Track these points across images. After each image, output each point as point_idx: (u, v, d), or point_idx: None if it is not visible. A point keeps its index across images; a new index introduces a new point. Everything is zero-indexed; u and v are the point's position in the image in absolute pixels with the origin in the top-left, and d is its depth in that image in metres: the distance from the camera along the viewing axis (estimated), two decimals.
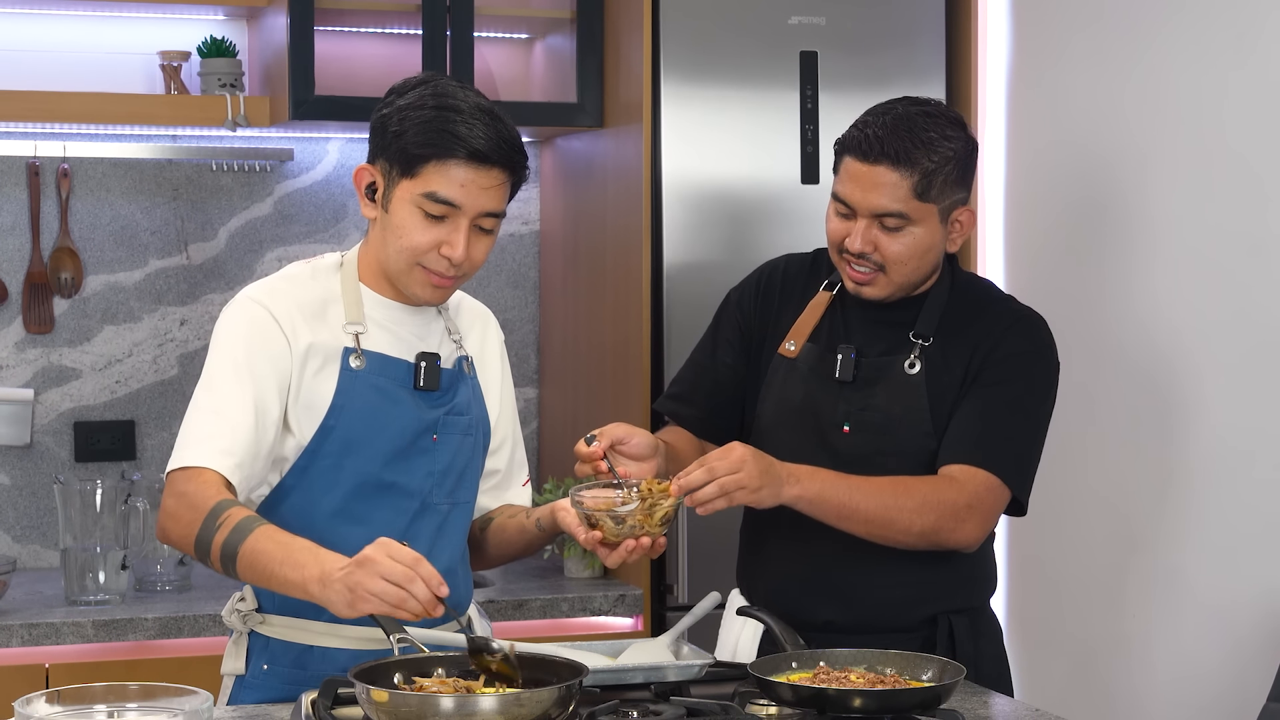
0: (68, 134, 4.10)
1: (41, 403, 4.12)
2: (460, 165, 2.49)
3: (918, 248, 2.73)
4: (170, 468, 2.50)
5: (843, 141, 2.76)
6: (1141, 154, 3.56)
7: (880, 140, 2.69)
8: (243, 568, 2.38)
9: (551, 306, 4.40)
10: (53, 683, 3.48)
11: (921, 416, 2.75)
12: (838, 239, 2.77)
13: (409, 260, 2.54)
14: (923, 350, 2.78)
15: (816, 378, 2.81)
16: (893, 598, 2.77)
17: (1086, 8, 3.73)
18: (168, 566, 3.83)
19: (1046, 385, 2.83)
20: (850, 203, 2.73)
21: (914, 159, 2.69)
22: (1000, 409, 2.75)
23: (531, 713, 2.13)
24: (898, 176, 2.69)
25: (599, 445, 2.61)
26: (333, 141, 4.29)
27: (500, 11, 4.14)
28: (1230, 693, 3.28)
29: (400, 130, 2.51)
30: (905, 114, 2.73)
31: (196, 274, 4.21)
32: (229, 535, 2.38)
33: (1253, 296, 3.26)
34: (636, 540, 2.50)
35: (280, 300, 2.57)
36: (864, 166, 2.71)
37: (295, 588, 2.33)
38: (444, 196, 2.49)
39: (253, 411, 2.49)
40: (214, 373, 2.54)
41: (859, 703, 2.27)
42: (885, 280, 2.75)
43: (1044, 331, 2.84)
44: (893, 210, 2.70)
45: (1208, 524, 3.38)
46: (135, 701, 2.04)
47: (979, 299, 2.86)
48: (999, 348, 2.78)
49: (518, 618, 3.74)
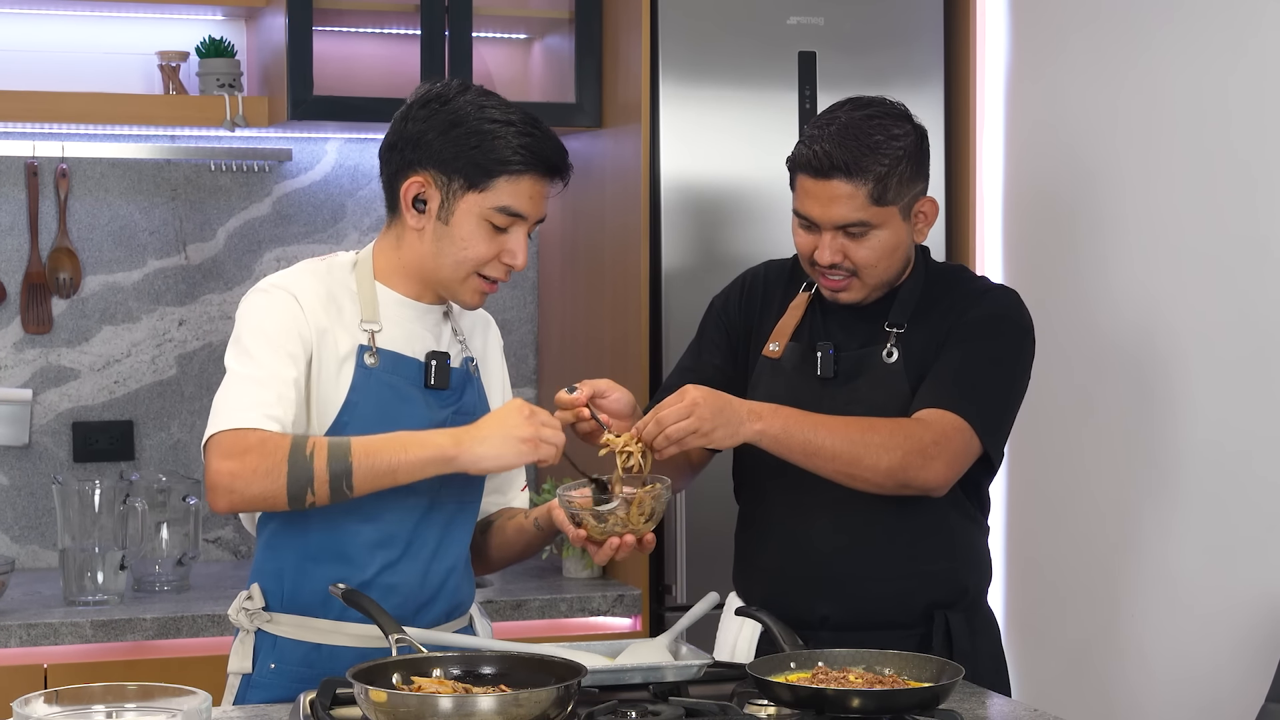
0: (66, 134, 4.10)
1: (40, 403, 4.12)
2: (532, 179, 2.55)
3: (884, 249, 2.75)
4: (212, 431, 2.47)
5: (793, 159, 2.77)
6: (1139, 153, 3.56)
7: (829, 155, 2.70)
8: (361, 473, 2.43)
9: (550, 306, 4.40)
10: (51, 683, 3.48)
11: (905, 402, 2.76)
12: (807, 252, 2.79)
13: (469, 271, 2.58)
14: (898, 338, 2.80)
15: (800, 376, 2.83)
16: (889, 591, 2.78)
17: (1084, 7, 3.73)
18: (166, 567, 3.83)
19: (1018, 340, 2.82)
20: (811, 218, 2.75)
21: (865, 167, 2.70)
22: (969, 361, 2.76)
23: (530, 713, 2.13)
24: (852, 187, 2.71)
25: (580, 394, 2.62)
26: (331, 141, 4.29)
27: (499, 12, 4.14)
28: (1228, 693, 3.28)
29: (460, 145, 2.53)
30: (849, 121, 2.74)
31: (195, 274, 4.21)
32: (330, 454, 2.43)
33: (1250, 296, 3.26)
34: (621, 538, 2.51)
35: (305, 289, 2.58)
36: (818, 183, 2.72)
37: (434, 459, 2.45)
38: (516, 210, 2.55)
39: (291, 384, 2.51)
40: (249, 345, 2.54)
41: (857, 703, 2.27)
42: (859, 284, 2.78)
43: (1014, 297, 2.85)
44: (854, 220, 2.72)
45: (1205, 524, 3.38)
46: (134, 702, 2.04)
47: (950, 282, 2.88)
48: (969, 312, 2.80)
49: (516, 618, 3.74)
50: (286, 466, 2.42)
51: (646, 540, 2.53)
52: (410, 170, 2.57)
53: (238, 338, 2.56)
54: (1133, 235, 3.57)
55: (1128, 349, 3.57)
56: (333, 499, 2.45)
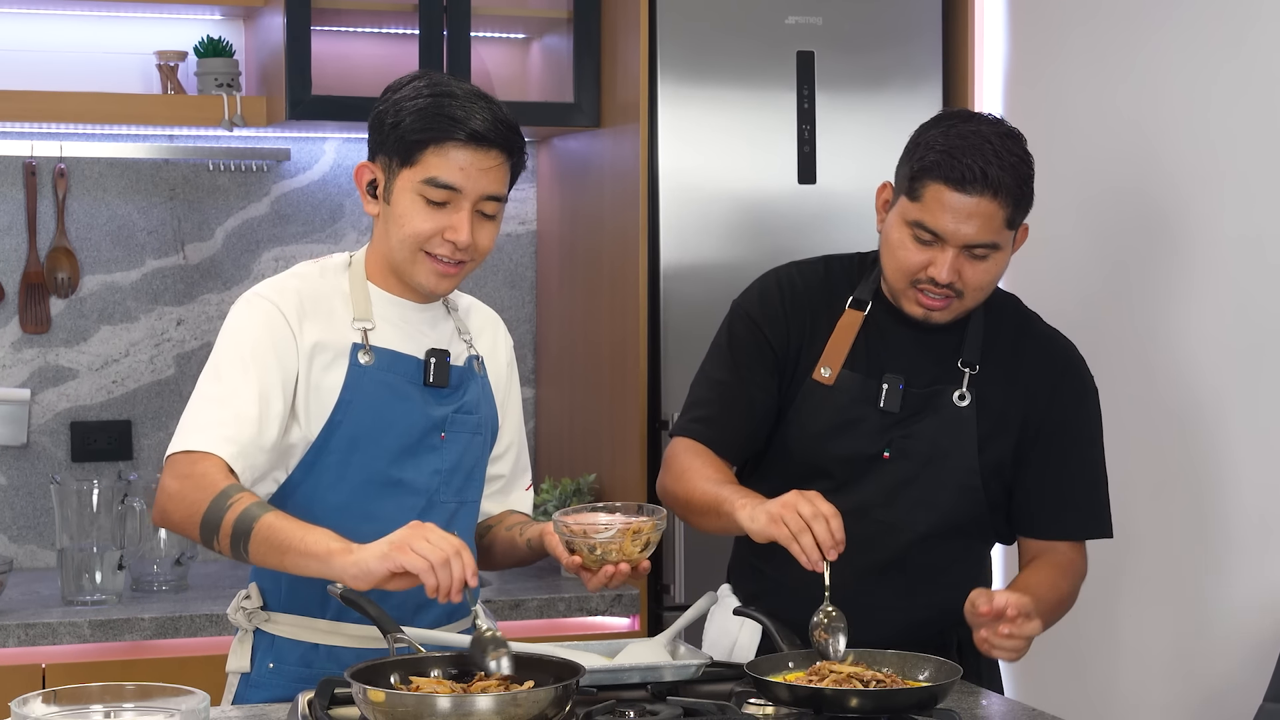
0: (64, 134, 4.10)
1: (38, 403, 4.12)
2: (459, 148, 2.51)
3: (997, 272, 2.68)
4: (171, 450, 2.50)
5: (928, 167, 2.61)
6: (1139, 151, 3.56)
7: (983, 171, 2.58)
8: (256, 543, 2.37)
9: (548, 306, 4.40)
10: (49, 683, 3.48)
11: (969, 449, 2.72)
12: (915, 268, 2.65)
13: (413, 248, 2.54)
14: (971, 380, 2.74)
15: (855, 405, 2.73)
16: (904, 619, 2.72)
17: (1083, 6, 3.73)
18: (164, 566, 3.82)
19: (1100, 418, 2.87)
20: (942, 233, 2.61)
21: (1009, 190, 2.60)
22: (1091, 473, 2.83)
23: (528, 712, 2.13)
24: (995, 208, 2.60)
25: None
26: (329, 141, 4.29)
27: (497, 11, 4.14)
28: (1225, 693, 3.28)
29: (397, 121, 2.53)
30: (990, 137, 2.62)
31: (193, 274, 4.21)
32: (242, 513, 2.38)
33: (1249, 290, 3.27)
34: (615, 566, 2.44)
35: (289, 297, 2.58)
36: (961, 197, 2.59)
37: (316, 557, 2.32)
38: (445, 181, 2.51)
39: (257, 403, 2.50)
40: (220, 363, 2.55)
41: (855, 702, 2.27)
42: (958, 305, 2.69)
43: (1084, 365, 2.85)
44: (986, 241, 2.62)
45: (1202, 522, 3.38)
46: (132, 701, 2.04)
47: (1014, 324, 2.82)
48: (1057, 398, 2.78)
49: (515, 617, 3.74)
50: (205, 508, 2.41)
51: (641, 567, 2.46)
52: (369, 158, 2.60)
53: (213, 351, 2.58)
54: (1134, 233, 3.56)
55: (1127, 344, 3.57)
56: (234, 555, 2.43)
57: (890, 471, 2.73)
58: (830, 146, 3.94)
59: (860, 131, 3.98)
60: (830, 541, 2.44)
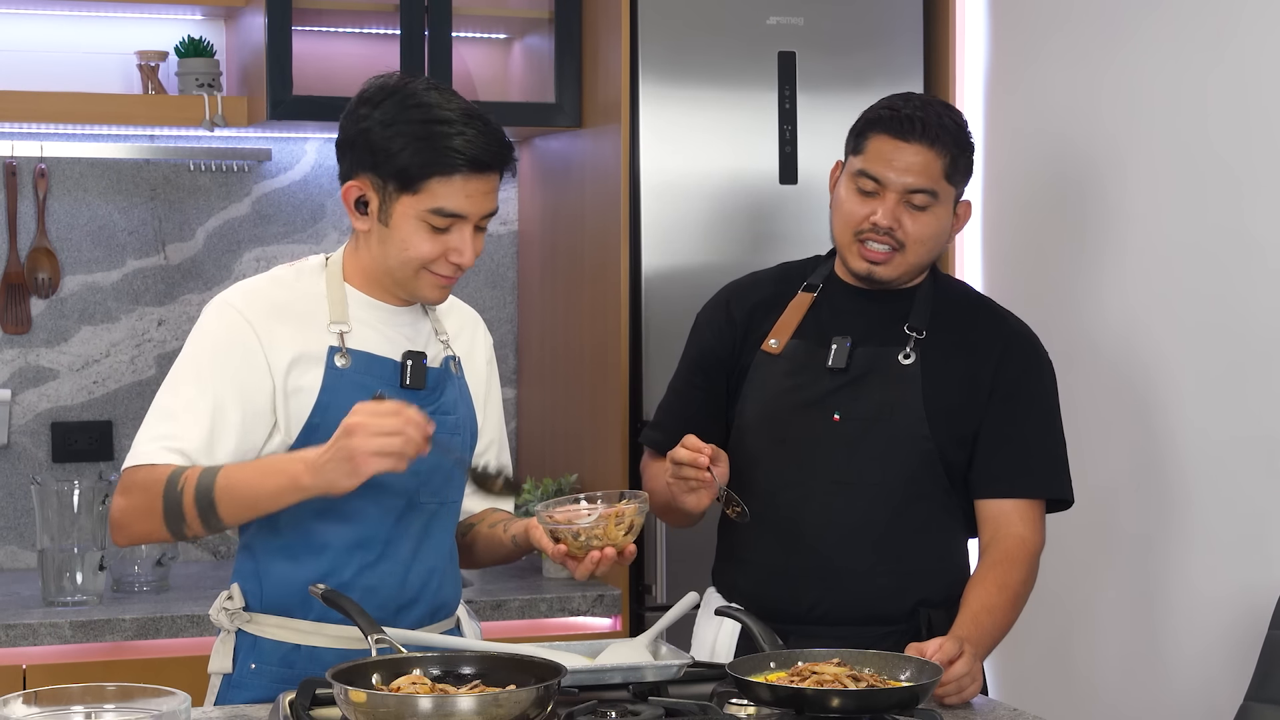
0: (45, 134, 4.09)
1: (18, 403, 4.11)
2: (463, 178, 2.50)
3: (936, 227, 2.81)
4: (124, 466, 2.53)
5: (872, 121, 2.82)
6: (1118, 152, 3.57)
7: (918, 120, 2.77)
8: (224, 506, 2.42)
9: (530, 306, 4.40)
10: (30, 684, 3.47)
11: (915, 406, 2.80)
12: (858, 219, 2.81)
13: (415, 269, 2.55)
14: (917, 343, 2.83)
15: (804, 370, 2.85)
16: (880, 586, 2.81)
17: (1063, 7, 3.74)
18: (145, 567, 3.82)
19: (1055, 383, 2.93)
20: (882, 179, 2.78)
21: (944, 140, 2.78)
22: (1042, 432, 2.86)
23: (510, 713, 2.13)
24: (932, 155, 2.77)
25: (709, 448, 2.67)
26: (311, 141, 4.28)
27: (478, 11, 4.14)
28: (1208, 690, 3.29)
29: (389, 148, 2.49)
30: (931, 101, 2.84)
31: (174, 274, 4.20)
32: (196, 487, 2.42)
33: (1229, 293, 3.28)
34: (601, 551, 2.48)
35: (259, 302, 2.57)
36: (898, 144, 2.78)
37: (287, 491, 2.41)
38: (451, 210, 2.51)
39: (208, 415, 2.51)
40: (176, 375, 2.57)
41: (837, 703, 2.27)
42: (900, 260, 2.81)
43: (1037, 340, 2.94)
44: (924, 187, 2.78)
45: (1185, 520, 3.39)
46: (113, 702, 2.04)
47: (965, 299, 2.95)
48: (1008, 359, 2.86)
49: (496, 618, 3.74)
50: (161, 502, 2.44)
51: (627, 551, 2.51)
52: (351, 173, 2.56)
53: (176, 360, 2.59)
54: (1112, 233, 3.58)
55: (1106, 344, 3.58)
56: (208, 530, 2.46)
57: (841, 433, 2.82)
58: (811, 147, 3.95)
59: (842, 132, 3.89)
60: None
